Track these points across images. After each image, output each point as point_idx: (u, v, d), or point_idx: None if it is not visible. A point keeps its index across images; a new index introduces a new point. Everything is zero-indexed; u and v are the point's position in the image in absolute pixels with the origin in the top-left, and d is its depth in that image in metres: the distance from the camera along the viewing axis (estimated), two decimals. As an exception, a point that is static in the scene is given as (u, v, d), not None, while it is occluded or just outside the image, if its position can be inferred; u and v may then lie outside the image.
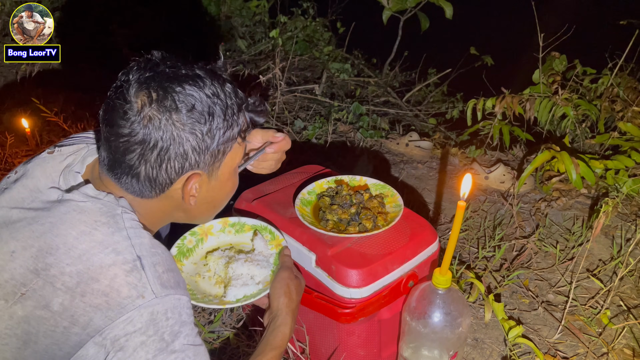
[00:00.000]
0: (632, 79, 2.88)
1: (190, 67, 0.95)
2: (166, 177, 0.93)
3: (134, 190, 0.96)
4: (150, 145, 0.89)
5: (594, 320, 1.66)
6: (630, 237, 2.06)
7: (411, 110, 3.72)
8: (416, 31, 3.81)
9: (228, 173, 1.03)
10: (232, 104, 0.96)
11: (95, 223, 0.89)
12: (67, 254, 0.86)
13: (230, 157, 1.00)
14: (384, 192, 1.44)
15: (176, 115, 0.89)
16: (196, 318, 1.61)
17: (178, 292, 0.90)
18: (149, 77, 0.90)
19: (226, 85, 0.96)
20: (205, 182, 0.99)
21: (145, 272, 0.87)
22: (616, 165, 2.31)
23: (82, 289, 0.84)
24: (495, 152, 2.74)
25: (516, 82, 2.92)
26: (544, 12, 2.72)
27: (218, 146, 0.95)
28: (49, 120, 2.45)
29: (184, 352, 0.86)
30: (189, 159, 0.93)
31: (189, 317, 0.90)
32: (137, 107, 0.88)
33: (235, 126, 0.97)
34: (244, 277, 1.19)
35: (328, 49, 4.26)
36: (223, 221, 1.32)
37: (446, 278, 1.15)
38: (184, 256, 1.26)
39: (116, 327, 0.83)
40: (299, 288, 1.17)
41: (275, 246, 1.26)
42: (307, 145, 2.85)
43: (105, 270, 0.85)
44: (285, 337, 1.08)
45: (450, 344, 1.23)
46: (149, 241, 0.92)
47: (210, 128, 0.92)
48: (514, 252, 2.00)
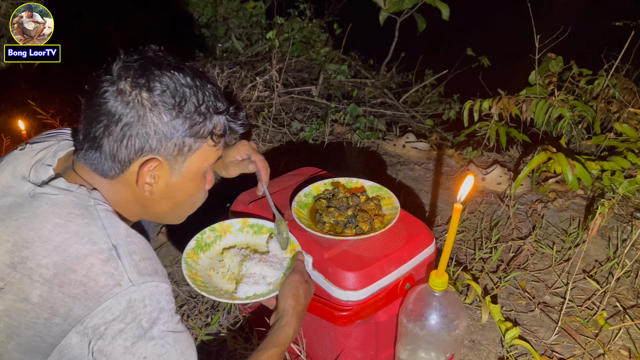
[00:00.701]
0: (627, 80, 2.89)
1: (178, 60, 0.96)
2: (126, 154, 0.93)
3: (97, 167, 0.96)
4: (115, 117, 0.90)
5: (590, 321, 1.66)
6: (626, 238, 2.07)
7: (408, 111, 3.72)
8: (413, 32, 3.81)
9: (193, 173, 1.01)
10: (208, 101, 0.96)
11: (69, 215, 0.90)
12: (43, 246, 0.87)
13: (197, 157, 0.99)
14: (381, 195, 1.44)
15: (146, 93, 0.90)
16: (193, 320, 1.61)
17: (156, 280, 0.90)
18: (135, 59, 0.94)
19: (208, 85, 0.97)
20: (165, 174, 0.98)
21: (122, 261, 0.87)
22: (612, 166, 2.31)
23: (59, 280, 0.84)
24: (491, 153, 2.75)
25: (513, 83, 2.93)
26: (540, 13, 2.73)
27: (184, 138, 0.95)
28: (45, 122, 2.45)
29: (163, 338, 0.87)
30: (150, 141, 0.92)
31: (168, 303, 0.90)
32: (112, 80, 0.91)
33: (208, 125, 0.97)
34: (256, 276, 1.20)
35: (325, 51, 4.27)
36: (242, 221, 1.35)
37: (443, 280, 1.15)
38: (201, 250, 1.28)
39: (95, 315, 0.83)
40: (308, 292, 1.17)
41: (290, 250, 1.28)
42: (303, 147, 2.85)
43: (81, 260, 0.85)
44: (288, 336, 1.09)
45: (447, 346, 1.23)
46: (124, 230, 0.92)
47: (177, 116, 0.92)
48: (511, 254, 2.00)
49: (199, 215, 1.52)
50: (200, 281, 1.18)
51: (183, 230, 2.04)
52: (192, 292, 1.78)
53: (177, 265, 1.91)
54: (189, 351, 0.91)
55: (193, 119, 0.94)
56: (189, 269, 1.20)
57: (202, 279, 1.19)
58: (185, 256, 1.23)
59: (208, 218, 1.35)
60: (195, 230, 1.30)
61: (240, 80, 3.34)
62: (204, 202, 1.13)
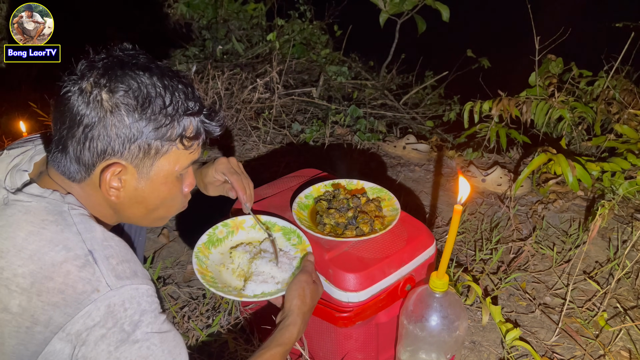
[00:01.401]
0: (628, 82, 2.89)
1: (148, 60, 0.93)
2: (89, 157, 0.90)
3: (64, 170, 0.94)
4: (77, 118, 0.88)
5: (590, 322, 1.67)
6: (626, 239, 2.07)
7: (408, 113, 3.72)
8: (413, 34, 3.82)
9: (163, 177, 0.98)
10: (177, 102, 0.92)
11: (43, 222, 0.88)
12: (18, 255, 0.86)
13: (167, 160, 0.96)
14: (381, 196, 1.44)
15: (107, 94, 0.88)
16: (194, 322, 1.61)
17: (135, 282, 0.88)
18: (101, 58, 0.91)
19: (179, 85, 0.94)
20: (133, 178, 0.95)
21: (98, 266, 0.86)
22: (612, 167, 2.32)
23: (37, 289, 0.84)
24: (492, 155, 2.75)
25: (513, 85, 2.93)
26: (540, 14, 2.74)
27: (148, 141, 0.91)
28: (46, 124, 2.45)
29: (148, 340, 0.86)
30: (112, 144, 0.89)
31: (150, 305, 0.89)
32: (75, 79, 0.89)
33: (176, 127, 0.93)
34: (265, 275, 1.20)
35: (325, 52, 4.27)
36: (255, 218, 1.34)
37: (443, 281, 1.15)
38: (212, 245, 1.28)
39: (76, 322, 0.83)
40: (315, 293, 1.16)
41: (300, 250, 1.27)
42: (304, 149, 2.86)
43: (57, 268, 0.84)
44: (292, 336, 1.08)
45: (447, 347, 1.24)
46: (100, 234, 0.91)
47: (140, 118, 0.89)
48: (511, 255, 2.00)
49: (201, 215, 1.52)
50: (209, 276, 1.18)
51: (184, 232, 2.05)
52: (193, 293, 1.78)
53: (178, 267, 1.91)
54: (177, 350, 0.90)
55: (158, 120, 0.91)
56: (199, 263, 1.20)
57: (211, 274, 1.19)
58: (196, 250, 1.23)
59: (210, 219, 1.35)
60: (196, 231, 1.31)
61: (241, 82, 3.34)
62: (206, 202, 1.12)
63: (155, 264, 1.89)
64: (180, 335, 0.93)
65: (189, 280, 1.85)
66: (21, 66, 3.51)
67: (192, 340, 1.55)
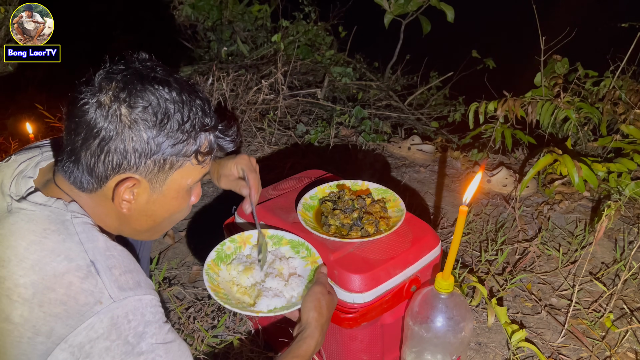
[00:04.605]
0: (634, 82, 2.87)
1: (166, 73, 0.92)
2: (103, 169, 0.90)
3: (74, 180, 0.93)
4: (94, 131, 0.87)
5: (597, 323, 1.66)
6: (633, 240, 2.06)
7: (413, 113, 3.72)
8: (418, 35, 3.81)
9: (175, 191, 0.98)
10: (194, 119, 0.92)
11: (45, 231, 0.87)
12: (19, 265, 0.85)
13: (180, 175, 0.96)
14: (386, 197, 1.44)
15: (126, 109, 0.87)
16: (199, 323, 1.62)
17: (138, 293, 0.88)
18: (120, 69, 0.90)
19: (197, 100, 0.93)
20: (145, 192, 0.95)
21: (101, 277, 0.85)
22: (619, 168, 2.31)
23: (39, 300, 0.83)
24: (497, 156, 2.74)
25: (518, 85, 2.92)
26: (545, 15, 2.73)
27: (164, 156, 0.91)
28: (52, 126, 2.47)
29: (153, 351, 0.85)
30: (128, 159, 0.89)
31: (154, 315, 0.88)
32: (93, 91, 0.88)
33: (192, 144, 0.93)
34: (274, 290, 1.19)
35: (330, 53, 4.27)
36: (262, 232, 1.31)
37: (448, 282, 1.15)
38: (221, 261, 1.26)
39: (79, 334, 0.82)
40: (331, 304, 1.16)
41: (310, 263, 1.25)
42: (309, 150, 2.86)
43: (59, 278, 0.84)
44: (309, 348, 1.07)
45: (453, 348, 1.23)
46: (103, 244, 0.90)
47: (158, 134, 0.89)
48: (517, 256, 2.00)
49: (205, 215, 1.52)
50: (222, 293, 1.16)
51: (188, 233, 2.05)
52: (199, 294, 1.78)
53: (183, 268, 1.92)
54: (183, 359, 0.90)
55: (176, 137, 0.90)
56: (210, 280, 1.18)
57: (224, 291, 1.17)
58: (206, 268, 1.21)
59: (214, 220, 1.35)
60: (198, 231, 1.30)
61: (246, 83, 3.35)
62: (210, 206, 1.13)
63: (161, 265, 1.90)
64: (185, 344, 0.93)
65: (195, 281, 1.85)
66: (27, 68, 3.54)
67: (197, 341, 1.55)
